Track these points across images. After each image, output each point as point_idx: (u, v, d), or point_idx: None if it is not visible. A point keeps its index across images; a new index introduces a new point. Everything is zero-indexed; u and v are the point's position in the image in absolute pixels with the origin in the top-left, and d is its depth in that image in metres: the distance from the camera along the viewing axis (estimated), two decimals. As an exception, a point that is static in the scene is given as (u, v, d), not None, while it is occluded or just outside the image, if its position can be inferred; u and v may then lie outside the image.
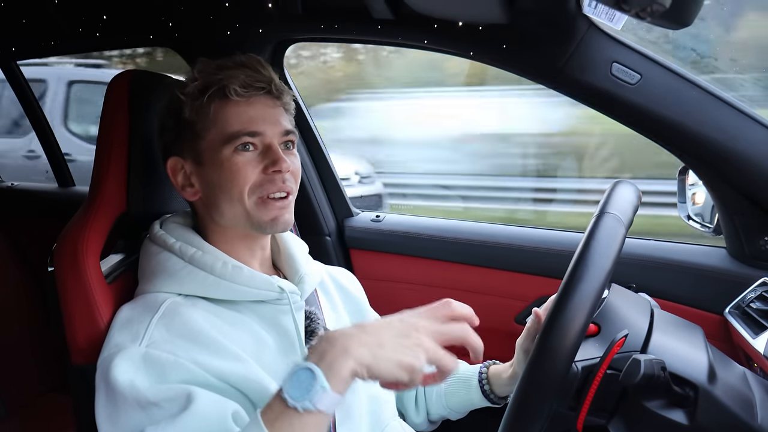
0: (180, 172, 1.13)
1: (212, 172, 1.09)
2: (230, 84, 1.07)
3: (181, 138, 1.12)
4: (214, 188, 1.09)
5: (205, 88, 1.07)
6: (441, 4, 1.41)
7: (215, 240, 1.14)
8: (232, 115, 1.08)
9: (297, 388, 0.78)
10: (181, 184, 1.14)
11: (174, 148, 1.14)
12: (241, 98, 1.08)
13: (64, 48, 2.24)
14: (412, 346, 0.81)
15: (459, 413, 1.38)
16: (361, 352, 0.80)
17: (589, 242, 0.83)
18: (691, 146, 1.38)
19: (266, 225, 1.10)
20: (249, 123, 1.08)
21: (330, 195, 2.10)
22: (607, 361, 0.90)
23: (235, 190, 1.07)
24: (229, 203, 1.09)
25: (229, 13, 1.76)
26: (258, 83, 1.09)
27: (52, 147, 2.91)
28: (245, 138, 1.07)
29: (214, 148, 1.08)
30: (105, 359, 0.97)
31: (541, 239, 1.81)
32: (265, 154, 1.09)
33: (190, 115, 1.09)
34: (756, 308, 1.32)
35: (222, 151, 1.07)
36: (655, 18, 0.74)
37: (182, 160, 1.13)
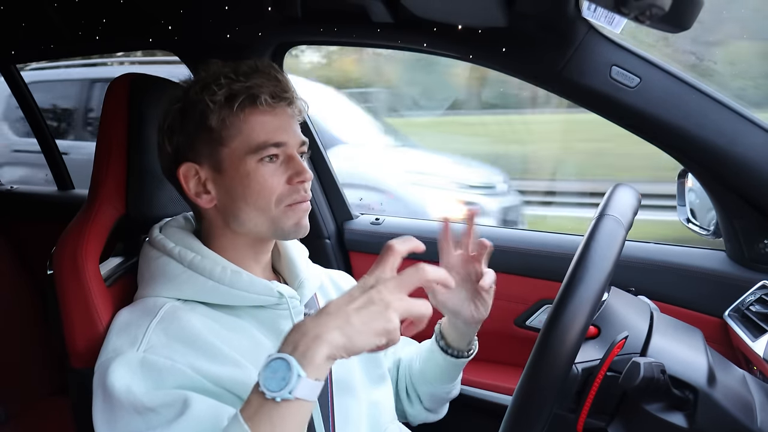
0: (193, 178, 1.10)
1: (234, 181, 1.07)
2: (261, 93, 1.05)
3: (200, 143, 1.08)
4: (235, 197, 1.08)
5: (234, 96, 1.05)
6: (440, 8, 1.42)
7: (221, 245, 1.13)
8: (258, 124, 1.06)
9: (273, 380, 0.77)
10: (195, 191, 1.10)
11: (189, 153, 1.10)
12: (269, 108, 1.07)
13: (64, 51, 2.24)
14: (379, 310, 0.80)
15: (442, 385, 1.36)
16: (332, 336, 0.78)
17: (589, 244, 0.83)
18: (690, 149, 1.39)
19: (290, 231, 1.11)
20: (274, 133, 1.07)
21: (330, 198, 2.10)
22: (607, 363, 0.90)
23: (260, 201, 1.07)
24: (252, 213, 1.08)
25: (229, 17, 1.76)
26: (284, 93, 1.08)
27: (51, 150, 2.91)
28: (271, 149, 1.06)
29: (238, 156, 1.06)
30: (102, 364, 0.96)
31: (540, 242, 1.81)
32: (288, 165, 1.09)
33: (215, 121, 1.06)
34: (755, 311, 1.32)
35: (246, 161, 1.06)
36: (654, 21, 0.74)
37: (197, 166, 1.09)
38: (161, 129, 1.12)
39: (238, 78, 1.06)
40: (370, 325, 0.79)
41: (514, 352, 1.86)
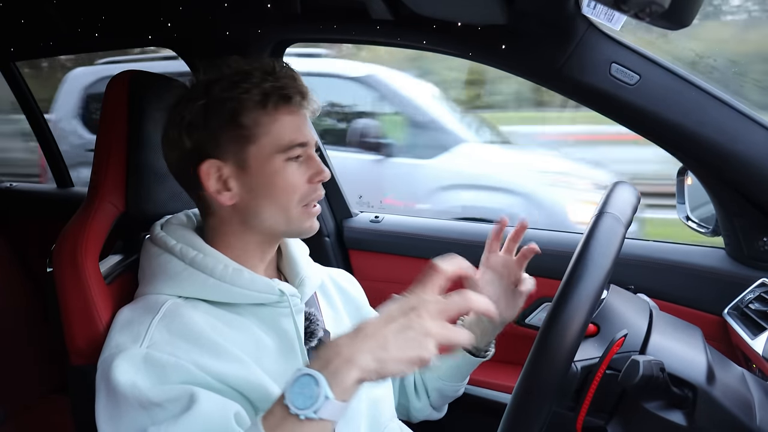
0: (215, 175, 1.08)
1: (258, 179, 1.07)
2: (294, 94, 1.07)
3: (226, 140, 1.07)
4: (258, 195, 1.08)
5: (268, 95, 1.05)
6: (440, 5, 1.41)
7: (228, 243, 1.13)
8: (286, 123, 1.08)
9: (300, 396, 0.76)
10: (215, 188, 1.08)
11: (212, 149, 1.08)
12: (297, 108, 1.09)
13: (63, 48, 2.24)
14: (417, 338, 0.78)
15: (452, 383, 1.38)
16: (365, 360, 0.77)
17: (588, 241, 0.83)
18: (690, 147, 1.39)
19: (305, 231, 1.13)
20: (299, 133, 1.09)
21: (329, 195, 2.10)
22: (606, 361, 0.90)
23: (283, 199, 1.08)
24: (274, 211, 1.09)
25: (228, 14, 1.76)
26: (309, 95, 1.11)
27: (50, 148, 2.90)
28: (297, 149, 1.08)
29: (266, 155, 1.07)
30: (105, 360, 0.96)
31: (539, 240, 1.80)
32: (308, 164, 1.11)
33: (248, 119, 1.06)
34: (755, 309, 1.32)
35: (274, 159, 1.07)
36: (654, 18, 0.74)
37: (220, 163, 1.07)
38: (178, 124, 1.09)
39: (266, 77, 1.06)
40: (406, 352, 0.78)
41: (513, 350, 1.86)
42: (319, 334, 1.17)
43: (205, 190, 1.09)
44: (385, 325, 0.79)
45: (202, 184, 1.08)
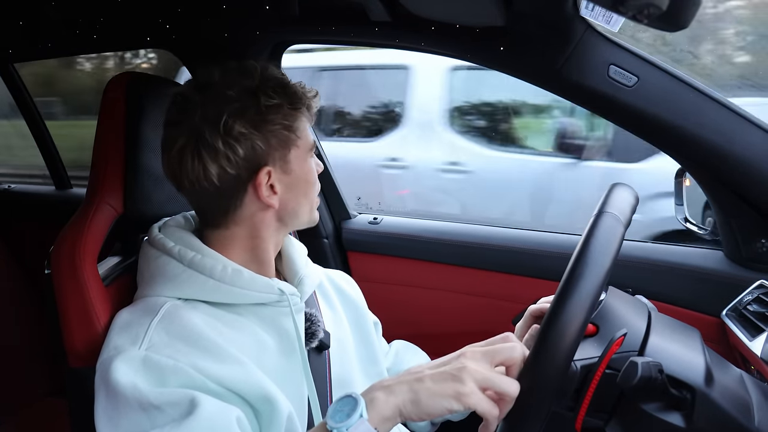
0: (266, 182, 1.09)
1: (300, 179, 1.14)
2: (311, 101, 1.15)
3: (272, 147, 1.08)
4: (298, 195, 1.14)
5: (298, 100, 1.11)
6: (438, 7, 1.41)
7: (224, 245, 1.13)
8: (305, 124, 1.14)
9: (338, 413, 0.81)
10: (266, 194, 1.09)
11: (265, 157, 1.08)
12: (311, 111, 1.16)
13: (62, 50, 2.24)
14: (454, 375, 0.81)
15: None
16: (401, 389, 0.82)
17: (588, 241, 0.83)
18: (688, 148, 1.39)
19: (313, 220, 1.22)
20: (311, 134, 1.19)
21: (327, 197, 2.10)
22: (606, 360, 0.90)
23: (311, 194, 1.18)
24: (307, 206, 1.18)
25: (226, 16, 1.76)
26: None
27: (48, 149, 2.90)
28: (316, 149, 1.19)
29: (303, 156, 1.14)
30: (104, 361, 0.96)
31: (538, 241, 1.81)
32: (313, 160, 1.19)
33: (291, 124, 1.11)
34: (753, 311, 1.32)
35: (308, 159, 1.15)
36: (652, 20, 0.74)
37: (271, 168, 1.09)
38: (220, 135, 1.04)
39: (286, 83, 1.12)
40: (441, 385, 0.80)
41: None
42: (319, 335, 1.17)
43: (258, 199, 1.09)
44: (430, 367, 0.85)
45: (256, 192, 1.08)
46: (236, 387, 0.97)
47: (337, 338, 1.26)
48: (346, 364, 1.24)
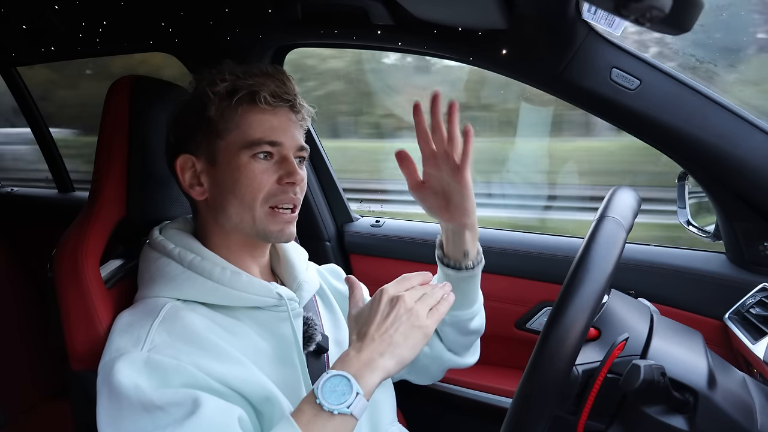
0: (189, 170, 1.13)
1: (226, 174, 1.09)
2: (261, 91, 1.08)
3: (199, 135, 1.11)
4: (225, 191, 1.10)
5: (235, 91, 1.08)
6: (440, 10, 1.42)
7: (216, 244, 1.14)
8: (256, 121, 1.09)
9: (333, 394, 0.88)
10: (188, 182, 1.13)
11: (188, 144, 1.13)
12: (268, 107, 1.10)
13: (65, 54, 2.25)
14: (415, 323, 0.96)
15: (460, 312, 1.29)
16: (385, 361, 0.93)
17: (590, 246, 0.83)
18: (690, 151, 1.39)
19: (271, 235, 1.12)
20: (271, 132, 1.09)
21: (330, 200, 2.10)
22: (608, 365, 0.90)
23: (248, 196, 1.09)
24: (239, 208, 1.10)
25: (229, 19, 1.76)
26: (285, 95, 1.11)
27: (51, 152, 2.91)
28: (266, 146, 1.09)
29: (233, 150, 1.09)
30: (107, 363, 0.96)
31: (541, 245, 1.81)
32: (281, 165, 1.11)
33: (214, 113, 1.09)
34: (755, 314, 1.32)
35: (240, 155, 1.08)
36: (655, 24, 0.74)
37: (193, 158, 1.12)
38: (168, 121, 1.16)
39: (244, 76, 1.09)
40: (411, 338, 0.95)
41: (514, 354, 1.87)
42: (317, 339, 1.17)
43: (180, 185, 1.14)
44: (382, 323, 0.95)
45: (178, 178, 1.13)
46: (238, 386, 0.97)
47: (336, 340, 1.26)
48: None
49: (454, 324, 1.30)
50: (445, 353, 1.35)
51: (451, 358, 1.36)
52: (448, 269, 1.24)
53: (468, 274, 1.23)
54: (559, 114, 3.46)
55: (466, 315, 1.29)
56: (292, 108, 1.14)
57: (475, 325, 1.32)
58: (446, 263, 1.24)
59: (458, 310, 1.28)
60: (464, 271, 1.23)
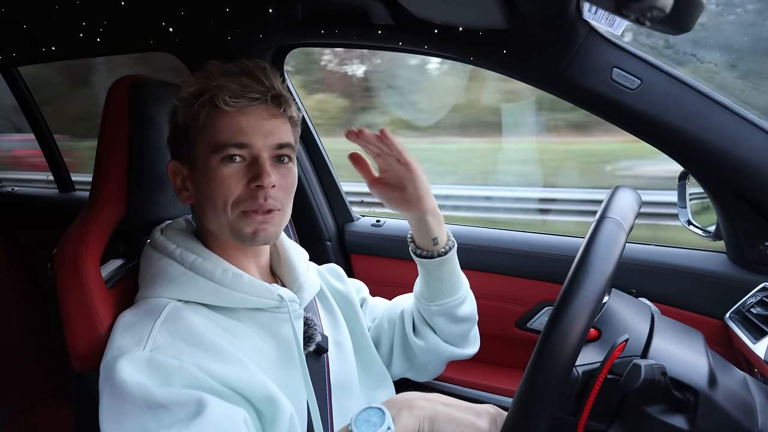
0: (178, 175, 1.14)
1: (202, 179, 1.09)
2: (219, 93, 1.05)
3: (179, 142, 1.13)
4: (203, 195, 1.10)
5: (198, 95, 1.07)
6: (441, 10, 1.42)
7: (212, 246, 1.15)
8: (222, 124, 1.06)
9: (365, 423, 0.88)
10: (178, 188, 1.15)
11: (173, 150, 1.16)
12: (232, 108, 1.06)
13: (65, 53, 2.25)
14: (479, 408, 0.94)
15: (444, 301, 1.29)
16: (424, 404, 0.91)
17: (589, 247, 0.82)
18: (691, 151, 1.38)
19: (246, 237, 1.09)
20: (237, 134, 1.06)
21: (330, 200, 2.10)
22: (608, 366, 0.89)
23: (219, 201, 1.07)
24: (215, 212, 1.09)
25: (230, 19, 1.76)
26: (251, 94, 1.07)
27: (51, 152, 2.91)
28: (231, 149, 1.06)
29: (204, 155, 1.08)
30: (109, 362, 0.96)
31: (542, 244, 1.80)
32: (251, 167, 1.07)
33: (183, 120, 1.10)
34: (756, 313, 1.32)
35: (210, 160, 1.07)
36: (655, 23, 0.74)
37: (179, 164, 1.14)
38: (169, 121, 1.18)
39: (212, 77, 1.08)
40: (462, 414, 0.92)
41: (514, 354, 1.87)
42: (317, 339, 1.17)
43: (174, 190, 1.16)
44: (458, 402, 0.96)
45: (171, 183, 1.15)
46: (240, 387, 0.97)
47: (336, 342, 1.26)
48: (346, 367, 1.24)
49: (443, 313, 1.30)
50: (441, 344, 1.34)
51: (448, 348, 1.35)
52: (423, 259, 1.26)
53: (442, 259, 1.26)
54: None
55: (453, 302, 1.29)
56: (265, 104, 1.09)
57: (464, 311, 1.32)
58: (419, 254, 1.27)
59: (444, 298, 1.29)
60: (438, 258, 1.25)
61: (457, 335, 1.35)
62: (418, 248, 1.27)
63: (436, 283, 1.28)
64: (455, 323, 1.32)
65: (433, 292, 1.28)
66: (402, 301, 1.44)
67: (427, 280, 1.28)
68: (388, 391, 1.31)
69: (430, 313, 1.30)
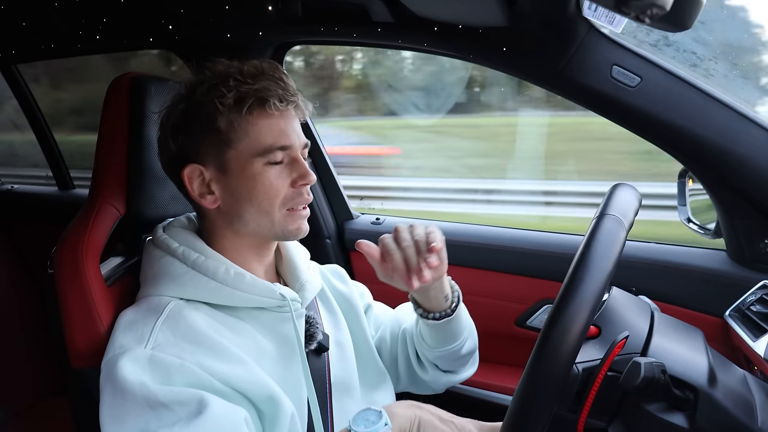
0: (198, 179, 1.10)
1: (239, 183, 1.08)
2: (270, 97, 1.05)
3: (205, 145, 1.08)
4: (240, 198, 1.09)
5: (243, 99, 1.05)
6: (440, 7, 1.41)
7: (223, 246, 1.14)
8: (266, 127, 1.07)
9: (363, 421, 0.96)
10: (198, 192, 1.11)
11: (193, 154, 1.10)
12: (277, 111, 1.07)
13: (64, 51, 2.24)
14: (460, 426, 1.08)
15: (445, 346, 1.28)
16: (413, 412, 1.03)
17: (589, 244, 0.82)
18: (691, 149, 1.38)
19: (291, 234, 1.13)
20: (281, 137, 1.08)
21: (330, 198, 2.10)
22: (608, 363, 0.89)
23: (265, 203, 1.08)
24: (256, 214, 1.09)
25: (229, 16, 1.76)
26: (292, 97, 1.09)
27: (51, 150, 2.91)
28: (278, 152, 1.08)
29: (245, 159, 1.07)
30: (110, 360, 0.96)
31: (541, 242, 1.80)
32: (292, 167, 1.10)
33: (224, 124, 1.06)
34: (756, 311, 1.32)
35: (253, 163, 1.07)
36: (655, 21, 0.74)
37: (201, 167, 1.09)
38: (164, 127, 1.12)
39: (246, 80, 1.06)
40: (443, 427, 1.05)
41: (514, 352, 1.87)
42: (318, 337, 1.17)
43: (188, 194, 1.11)
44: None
45: (186, 188, 1.10)
46: (241, 386, 0.97)
47: (337, 341, 1.26)
48: (346, 366, 1.24)
49: (446, 356, 1.30)
50: (442, 376, 1.36)
51: (449, 378, 1.37)
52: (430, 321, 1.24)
53: (450, 319, 1.24)
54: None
55: (457, 346, 1.29)
56: (297, 108, 1.12)
57: (467, 349, 1.32)
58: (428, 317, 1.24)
59: (448, 345, 1.28)
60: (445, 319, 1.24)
61: (459, 365, 1.37)
62: (426, 312, 1.25)
63: (441, 335, 1.27)
64: (457, 360, 1.33)
65: (438, 341, 1.28)
66: (404, 316, 1.44)
67: (431, 332, 1.26)
68: (387, 391, 1.31)
69: (434, 356, 1.31)
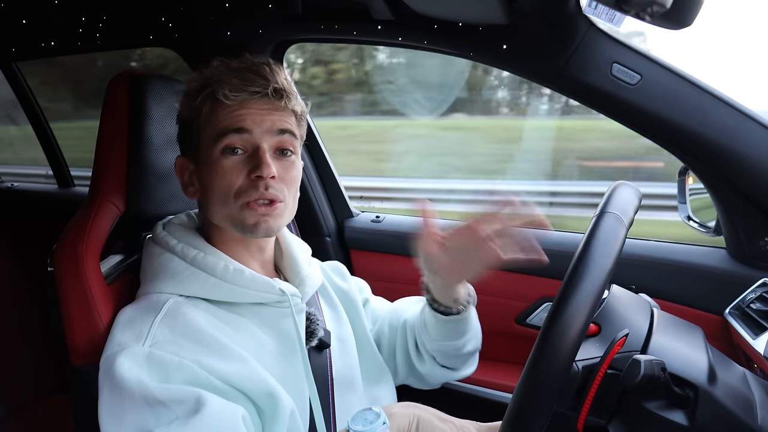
0: (186, 171, 1.15)
1: (205, 173, 1.10)
2: (220, 88, 1.06)
3: (184, 137, 1.15)
4: (207, 189, 1.10)
5: (200, 90, 1.09)
6: (441, 5, 1.41)
7: (215, 240, 1.15)
8: (222, 113, 1.07)
9: (361, 420, 0.95)
10: (185, 183, 1.16)
11: (181, 146, 1.17)
12: (233, 102, 1.06)
13: (65, 49, 2.24)
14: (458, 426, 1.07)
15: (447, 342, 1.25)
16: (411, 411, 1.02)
17: (589, 242, 0.82)
18: (691, 147, 1.38)
19: (248, 229, 1.08)
20: (237, 120, 1.06)
21: (330, 195, 2.10)
22: (607, 361, 0.90)
23: (221, 193, 1.07)
24: (219, 205, 1.09)
25: (230, 14, 1.76)
26: (252, 87, 1.07)
27: (51, 148, 2.91)
28: (231, 136, 1.06)
29: (207, 147, 1.08)
30: (108, 358, 0.96)
31: (542, 240, 1.80)
32: (251, 159, 1.07)
33: (187, 114, 1.12)
34: (756, 309, 1.32)
35: (212, 152, 1.07)
36: (656, 19, 0.74)
37: (186, 159, 1.15)
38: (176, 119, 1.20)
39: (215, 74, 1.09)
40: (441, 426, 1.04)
41: (514, 350, 1.87)
42: (319, 334, 1.17)
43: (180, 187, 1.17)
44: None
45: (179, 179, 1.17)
46: (240, 384, 0.97)
47: (339, 337, 1.26)
48: (348, 362, 1.24)
49: (446, 351, 1.28)
50: (439, 370, 1.34)
51: (446, 373, 1.35)
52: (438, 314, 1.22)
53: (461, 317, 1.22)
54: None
55: (462, 342, 1.27)
56: (265, 98, 1.08)
57: (470, 347, 1.29)
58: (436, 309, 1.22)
59: (453, 340, 1.25)
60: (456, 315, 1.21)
61: (457, 363, 1.34)
62: (435, 302, 1.22)
63: (445, 329, 1.24)
64: (456, 357, 1.31)
65: (440, 334, 1.25)
66: (404, 308, 1.42)
67: (436, 324, 1.23)
68: (388, 387, 1.31)
69: (432, 348, 1.29)
